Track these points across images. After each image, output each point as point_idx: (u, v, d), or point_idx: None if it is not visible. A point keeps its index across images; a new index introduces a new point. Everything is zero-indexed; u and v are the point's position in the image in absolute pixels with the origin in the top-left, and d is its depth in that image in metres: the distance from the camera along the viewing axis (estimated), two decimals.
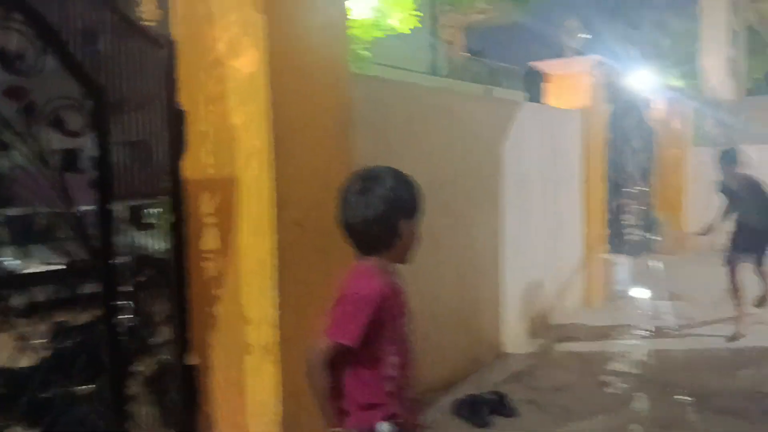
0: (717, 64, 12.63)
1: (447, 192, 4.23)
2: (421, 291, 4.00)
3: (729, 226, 5.44)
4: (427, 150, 4.05)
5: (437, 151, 4.14)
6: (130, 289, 2.77)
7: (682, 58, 16.02)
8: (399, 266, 1.88)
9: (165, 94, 2.72)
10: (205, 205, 2.67)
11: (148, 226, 2.87)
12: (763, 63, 18.54)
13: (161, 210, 2.81)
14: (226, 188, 2.56)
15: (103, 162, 2.56)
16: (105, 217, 2.65)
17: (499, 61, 22.70)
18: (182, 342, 2.82)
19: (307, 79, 2.56)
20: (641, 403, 3.85)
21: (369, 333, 1.70)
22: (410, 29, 7.34)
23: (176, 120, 2.73)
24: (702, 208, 9.55)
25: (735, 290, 5.19)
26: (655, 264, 8.86)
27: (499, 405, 3.67)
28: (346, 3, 2.90)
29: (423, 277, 4.02)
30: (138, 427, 2.78)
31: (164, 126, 2.73)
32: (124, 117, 2.70)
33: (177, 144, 2.73)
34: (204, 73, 2.61)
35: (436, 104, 4.18)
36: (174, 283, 2.79)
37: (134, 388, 2.80)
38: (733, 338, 4.99)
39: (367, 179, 1.81)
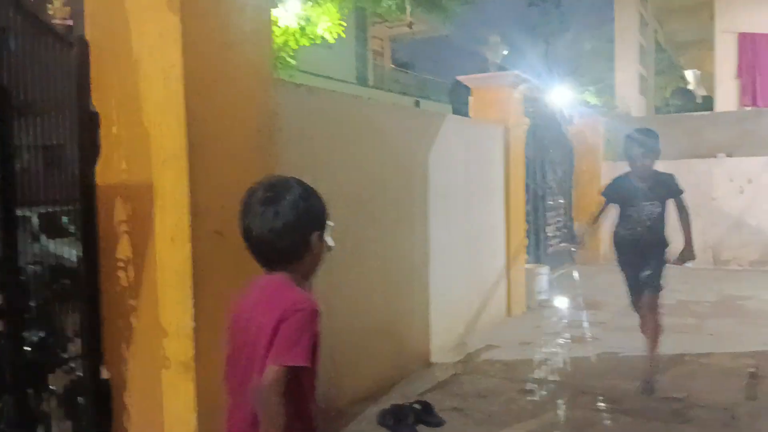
0: (628, 81, 13.33)
1: (375, 203, 4.24)
2: (347, 302, 3.98)
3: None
4: (355, 160, 4.05)
5: (364, 161, 4.15)
6: (40, 300, 2.63)
7: (598, 76, 16.83)
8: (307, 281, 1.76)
9: (77, 95, 2.60)
10: (119, 213, 2.56)
11: (60, 234, 2.73)
12: (670, 81, 19.74)
13: (73, 217, 2.68)
14: (140, 195, 2.46)
15: (6, 165, 2.42)
16: (10, 223, 2.50)
17: (427, 73, 23.13)
18: (95, 356, 2.69)
19: (227, 84, 2.50)
20: (559, 407, 3.97)
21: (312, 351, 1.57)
22: (336, 39, 7.37)
23: (89, 123, 2.61)
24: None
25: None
26: (574, 273, 9.22)
27: (424, 414, 3.69)
28: (272, 10, 2.87)
29: (349, 287, 4.01)
30: None
31: (76, 129, 2.60)
32: (31, 119, 2.56)
33: (90, 148, 2.61)
34: (118, 75, 2.51)
35: (363, 114, 4.19)
36: (86, 294, 2.66)
37: (45, 405, 2.64)
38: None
39: (275, 188, 1.66)
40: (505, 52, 7.00)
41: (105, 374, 2.71)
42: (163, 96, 2.36)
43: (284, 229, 1.60)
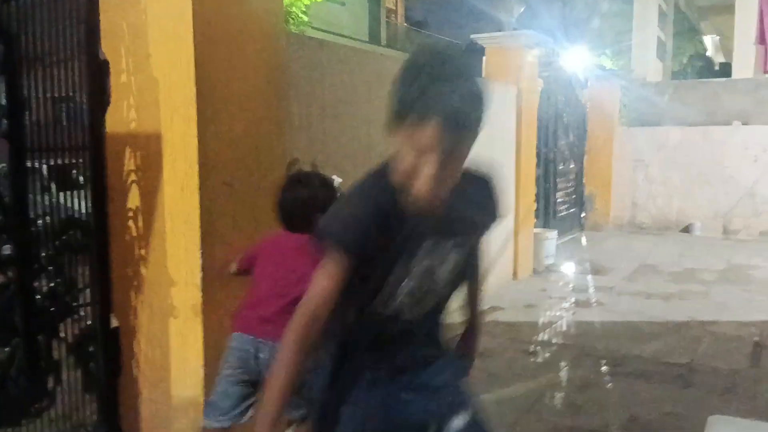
0: (646, 44, 13.05)
1: (383, 158, 4.21)
2: None
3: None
4: (365, 115, 4.01)
5: (374, 117, 4.10)
6: (50, 251, 2.65)
7: (615, 38, 16.50)
8: None
9: (86, 43, 2.57)
10: (128, 162, 2.56)
11: (70, 185, 2.74)
12: (688, 45, 19.34)
13: (82, 167, 2.68)
14: (150, 144, 2.46)
15: (15, 115, 2.41)
16: (20, 174, 2.51)
17: (440, 33, 22.75)
18: (105, 304, 2.72)
19: (237, 35, 2.46)
20: (561, 368, 4.01)
21: None
22: None
23: (99, 71, 2.59)
24: (626, 185, 9.98)
25: None
26: (582, 238, 9.21)
27: None
28: None
29: None
30: (60, 391, 2.69)
31: (86, 77, 2.59)
32: (40, 66, 2.55)
33: (99, 97, 2.59)
34: (127, 22, 2.48)
35: (374, 69, 4.14)
36: (95, 244, 2.68)
37: (55, 352, 2.69)
38: None
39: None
40: (521, 11, 6.85)
41: (114, 323, 2.75)
42: (172, 44, 2.33)
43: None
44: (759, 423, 2.19)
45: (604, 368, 3.96)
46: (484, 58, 6.63)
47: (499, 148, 6.01)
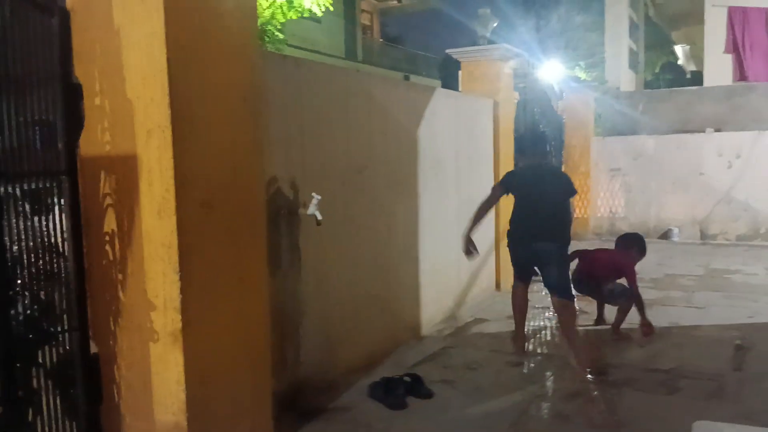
0: (618, 55, 13.27)
1: (364, 176, 4.21)
2: (338, 274, 3.98)
3: None
4: (343, 133, 4.01)
5: (353, 133, 4.11)
6: (26, 277, 2.60)
7: (588, 51, 16.75)
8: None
9: (59, 66, 2.54)
10: (103, 186, 2.52)
11: (45, 209, 2.69)
12: (660, 55, 19.70)
13: (57, 191, 2.64)
14: (125, 167, 2.42)
15: None
16: None
17: (416, 48, 22.93)
18: (83, 330, 2.67)
19: (211, 54, 2.45)
20: (546, 379, 4.01)
21: None
22: (325, 12, 7.28)
23: (72, 94, 2.56)
24: (604, 194, 10.09)
25: None
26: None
27: (414, 386, 3.71)
28: None
29: (340, 260, 4.01)
30: (39, 421, 2.62)
31: (59, 101, 2.55)
32: (12, 90, 2.51)
33: (73, 120, 2.56)
34: (100, 45, 2.46)
35: (352, 87, 4.15)
36: (72, 269, 2.63)
37: (33, 381, 2.63)
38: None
39: None
40: (495, 24, 6.94)
41: (93, 348, 2.70)
42: (146, 66, 2.31)
43: None
44: (743, 427, 2.20)
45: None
46: (459, 71, 6.69)
47: (478, 160, 6.05)
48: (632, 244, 5.05)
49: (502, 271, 6.48)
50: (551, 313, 5.03)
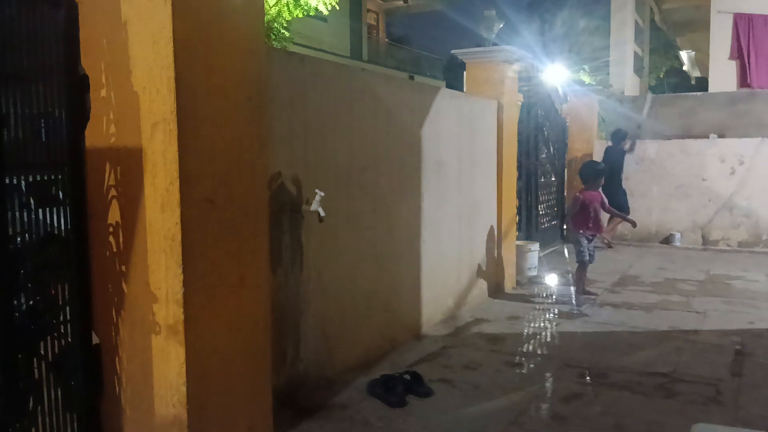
0: (623, 60, 13.27)
1: (366, 174, 4.23)
2: (339, 272, 4.00)
3: None
4: (347, 131, 4.02)
5: (357, 132, 4.12)
6: (30, 268, 2.61)
7: (593, 54, 16.75)
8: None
9: (65, 58, 2.55)
10: (108, 177, 2.54)
11: (49, 201, 2.71)
12: (665, 61, 19.68)
13: (63, 183, 2.65)
14: (130, 160, 2.44)
15: None
16: None
17: (421, 49, 22.94)
18: (85, 321, 2.68)
19: (218, 50, 2.46)
20: (545, 380, 4.02)
21: None
22: (331, 11, 7.29)
23: (79, 87, 2.57)
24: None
25: None
26: (563, 250, 9.27)
27: (413, 384, 3.72)
28: None
29: (341, 258, 4.02)
30: (39, 412, 2.63)
31: (65, 93, 2.57)
32: (19, 82, 2.52)
33: (79, 112, 2.57)
34: (107, 38, 2.47)
35: (357, 85, 4.16)
36: (75, 260, 2.64)
37: (35, 372, 2.64)
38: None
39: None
40: (500, 26, 6.95)
41: (95, 340, 2.71)
42: (152, 59, 2.32)
43: None
44: (742, 430, 2.21)
45: (588, 379, 3.97)
46: (465, 72, 6.70)
47: (481, 161, 6.06)
48: (588, 177, 6.03)
49: (504, 272, 6.49)
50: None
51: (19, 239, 2.58)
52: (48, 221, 2.65)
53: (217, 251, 2.53)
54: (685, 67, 20.78)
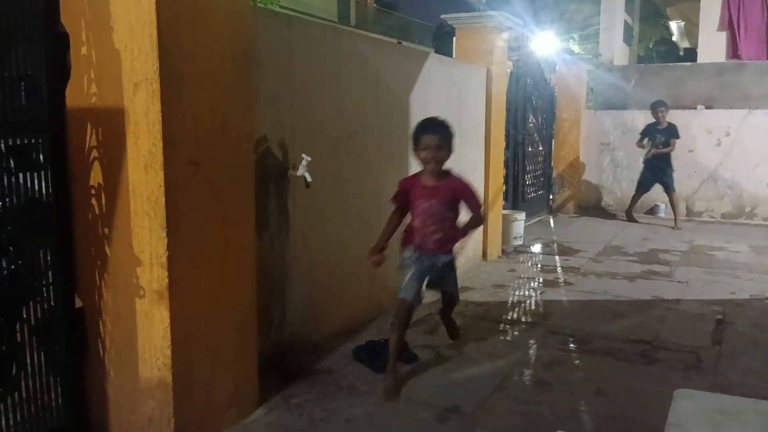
0: (613, 29, 13.19)
1: (356, 140, 4.18)
2: (326, 238, 3.98)
3: None
4: (334, 95, 3.96)
5: (344, 96, 4.06)
6: (11, 232, 2.57)
7: (582, 23, 16.63)
8: None
9: (45, 15, 2.47)
10: (90, 138, 2.48)
11: (30, 163, 2.65)
12: (654, 31, 19.59)
13: (43, 145, 2.59)
14: (112, 120, 2.38)
15: None
16: None
17: (409, 14, 22.62)
18: (68, 285, 2.65)
19: (202, 5, 2.40)
20: (529, 346, 4.06)
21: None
22: None
23: (58, 45, 2.50)
24: (592, 168, 10.11)
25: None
26: (549, 220, 9.32)
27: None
28: None
29: (328, 224, 3.99)
30: (24, 375, 2.62)
31: (45, 52, 2.49)
32: None
33: (59, 71, 2.50)
34: None
35: (345, 48, 4.08)
36: (57, 223, 2.60)
37: (18, 336, 2.61)
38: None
39: None
40: None
41: (78, 303, 2.69)
42: (134, 16, 2.25)
43: None
44: (723, 396, 2.24)
45: (571, 346, 4.02)
46: (454, 39, 6.61)
47: (469, 130, 6.02)
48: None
49: (489, 241, 6.51)
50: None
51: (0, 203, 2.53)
52: (29, 184, 2.60)
53: (202, 214, 2.50)
54: (674, 38, 20.71)
